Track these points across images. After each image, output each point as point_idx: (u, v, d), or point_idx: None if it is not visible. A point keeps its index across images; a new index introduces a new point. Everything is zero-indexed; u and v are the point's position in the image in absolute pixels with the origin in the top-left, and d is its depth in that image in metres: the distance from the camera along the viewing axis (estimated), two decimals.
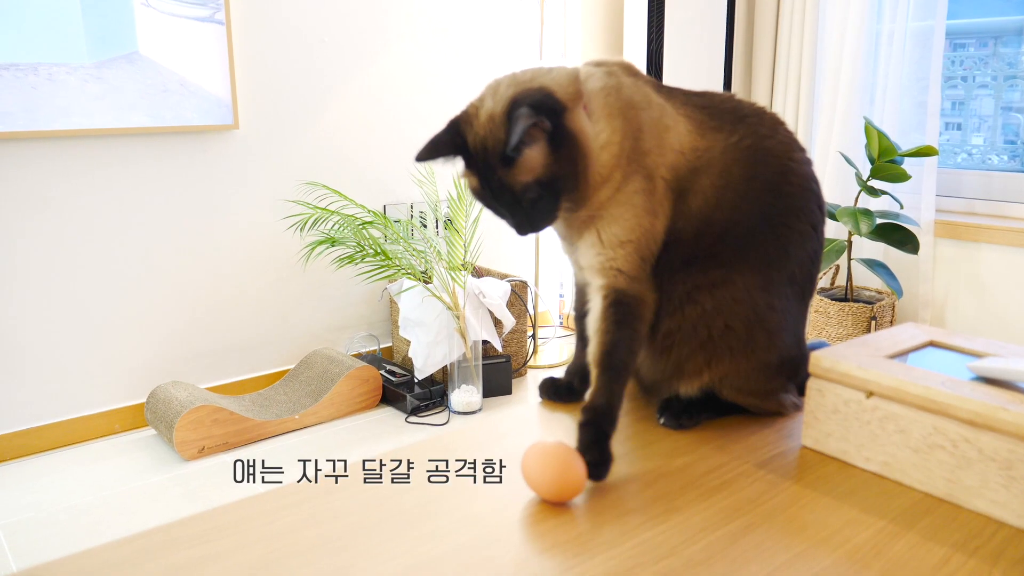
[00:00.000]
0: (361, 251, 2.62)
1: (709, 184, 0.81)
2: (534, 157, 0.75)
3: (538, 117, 0.73)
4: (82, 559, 0.62)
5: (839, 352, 0.77)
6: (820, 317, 2.69)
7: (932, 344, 0.83)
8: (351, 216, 2.63)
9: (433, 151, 0.79)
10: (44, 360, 2.49)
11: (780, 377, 0.86)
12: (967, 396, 0.67)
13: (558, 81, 0.78)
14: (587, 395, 0.78)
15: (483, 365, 2.76)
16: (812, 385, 0.78)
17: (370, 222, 2.63)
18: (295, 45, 2.81)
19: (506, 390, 2.85)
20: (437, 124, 0.81)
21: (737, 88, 3.07)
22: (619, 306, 0.80)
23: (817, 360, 0.77)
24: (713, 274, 0.81)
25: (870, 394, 0.73)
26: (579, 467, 0.69)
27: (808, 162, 0.86)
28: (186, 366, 2.75)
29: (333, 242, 2.59)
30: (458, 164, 0.79)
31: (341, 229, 2.63)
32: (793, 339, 0.85)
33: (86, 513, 2.13)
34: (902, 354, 0.79)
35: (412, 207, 3.11)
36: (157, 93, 2.52)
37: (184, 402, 2.44)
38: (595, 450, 0.74)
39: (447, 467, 0.76)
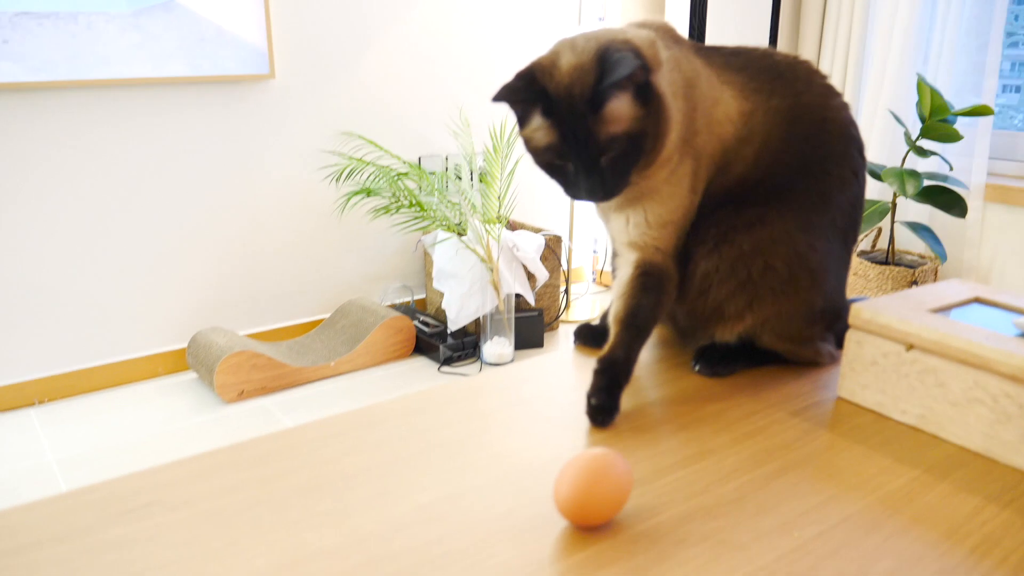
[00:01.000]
0: (396, 202, 2.63)
1: (751, 152, 0.82)
2: (622, 107, 0.73)
3: (640, 61, 0.71)
4: (137, 479, 0.64)
5: (880, 304, 0.77)
6: (859, 280, 2.66)
7: (977, 300, 0.82)
8: (386, 167, 2.64)
9: (512, 93, 0.75)
10: (92, 306, 2.56)
11: (820, 324, 0.85)
12: (1011, 351, 0.66)
13: (643, 41, 0.76)
14: (605, 348, 0.79)
15: (515, 318, 2.78)
16: (851, 337, 0.78)
17: (405, 173, 2.64)
18: None
19: (538, 343, 2.87)
20: (476, 76, 0.80)
21: (784, 43, 2.99)
22: (648, 276, 0.81)
23: (857, 311, 0.77)
24: (747, 214, 0.81)
25: (910, 347, 0.73)
26: (614, 480, 0.57)
27: (845, 107, 0.85)
28: (225, 313, 2.81)
29: (368, 193, 2.61)
30: (534, 117, 0.75)
31: (376, 180, 2.65)
32: (836, 282, 0.85)
33: (133, 450, 2.21)
34: (945, 309, 0.78)
35: (447, 159, 3.10)
36: (194, 42, 2.54)
37: (224, 347, 2.50)
38: (604, 395, 0.75)
39: (482, 406, 0.77)
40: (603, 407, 0.75)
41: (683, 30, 1.38)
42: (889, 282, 2.59)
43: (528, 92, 0.75)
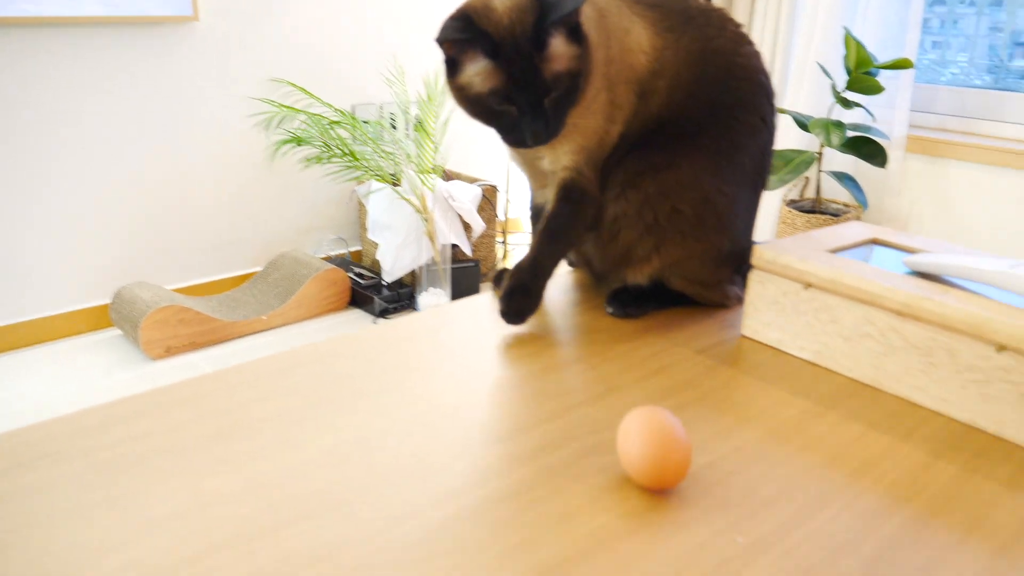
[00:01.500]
0: (328, 151, 2.58)
1: (664, 86, 0.83)
2: (562, 46, 0.74)
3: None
4: (31, 432, 0.64)
5: (781, 245, 0.79)
6: (787, 228, 2.73)
7: (874, 241, 0.85)
8: (318, 116, 2.58)
9: (457, 32, 0.74)
10: (6, 260, 2.46)
11: (727, 267, 0.88)
12: (896, 287, 0.69)
13: None
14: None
15: (452, 269, 2.78)
16: (753, 277, 0.80)
17: (337, 122, 2.59)
18: None
19: (474, 293, 2.87)
20: (410, 23, 0.79)
21: None
22: (568, 189, 0.84)
23: (760, 252, 0.79)
24: (655, 159, 0.82)
25: (808, 285, 0.76)
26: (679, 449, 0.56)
27: (756, 55, 0.87)
28: (151, 267, 2.74)
29: (299, 141, 2.55)
30: (472, 61, 0.74)
31: (308, 129, 2.59)
32: (743, 227, 0.87)
33: (53, 411, 2.15)
34: (843, 249, 0.81)
35: (382, 108, 3.05)
36: None
37: (149, 302, 2.45)
38: (506, 299, 0.82)
39: (402, 349, 0.78)
40: (506, 311, 0.82)
41: None
42: (815, 230, 2.66)
43: (471, 32, 0.74)
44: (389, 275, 2.75)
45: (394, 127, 2.97)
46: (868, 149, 2.51)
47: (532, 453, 0.61)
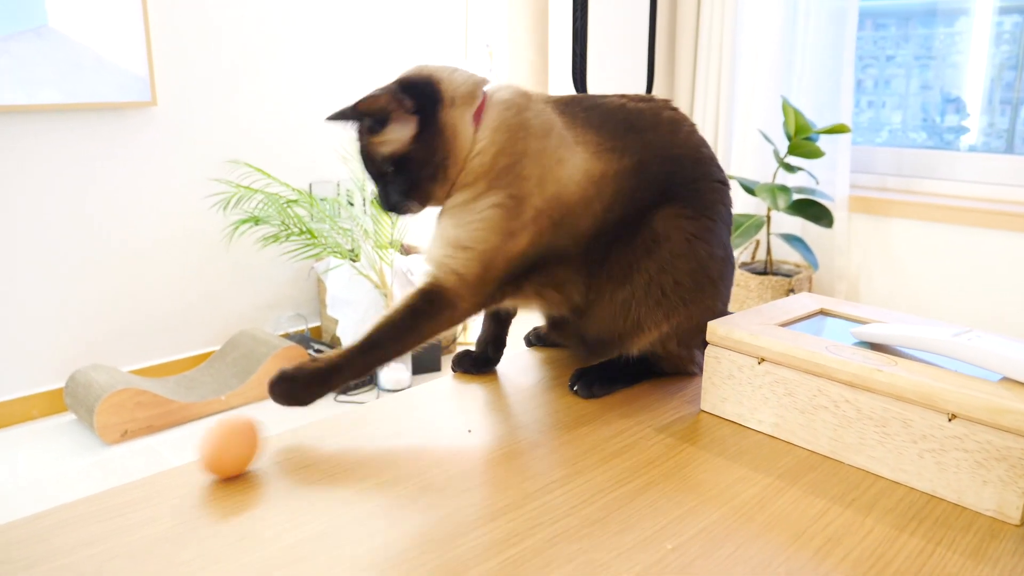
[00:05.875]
0: (286, 230, 2.59)
1: (600, 207, 0.84)
2: (396, 133, 0.81)
3: (401, 96, 0.80)
4: (2, 533, 0.61)
5: (734, 321, 0.81)
6: (741, 291, 2.78)
7: (822, 312, 0.88)
8: (275, 195, 2.59)
9: (340, 115, 0.84)
10: None
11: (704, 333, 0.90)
12: (847, 359, 0.71)
13: (453, 79, 0.83)
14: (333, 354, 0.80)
15: None
16: (709, 352, 0.82)
17: (295, 200, 2.60)
18: (215, 16, 2.74)
19: (435, 367, 2.86)
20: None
21: (660, 71, 3.11)
22: (425, 291, 0.82)
23: (713, 328, 0.81)
24: (643, 238, 0.85)
25: (761, 360, 0.78)
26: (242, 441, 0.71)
27: (693, 131, 0.91)
28: (106, 349, 2.68)
29: (257, 221, 2.56)
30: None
31: (265, 208, 2.59)
32: (726, 288, 0.90)
33: (4, 499, 2.07)
34: (793, 322, 0.84)
35: (339, 185, 3.07)
36: (70, 68, 2.43)
37: (105, 385, 2.39)
38: (284, 381, 0.78)
39: (361, 438, 0.77)
40: (277, 392, 0.78)
41: (565, 62, 1.45)
42: (769, 292, 2.72)
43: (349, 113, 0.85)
44: None
45: (351, 204, 2.99)
46: (814, 211, 2.59)
47: (497, 544, 0.60)
